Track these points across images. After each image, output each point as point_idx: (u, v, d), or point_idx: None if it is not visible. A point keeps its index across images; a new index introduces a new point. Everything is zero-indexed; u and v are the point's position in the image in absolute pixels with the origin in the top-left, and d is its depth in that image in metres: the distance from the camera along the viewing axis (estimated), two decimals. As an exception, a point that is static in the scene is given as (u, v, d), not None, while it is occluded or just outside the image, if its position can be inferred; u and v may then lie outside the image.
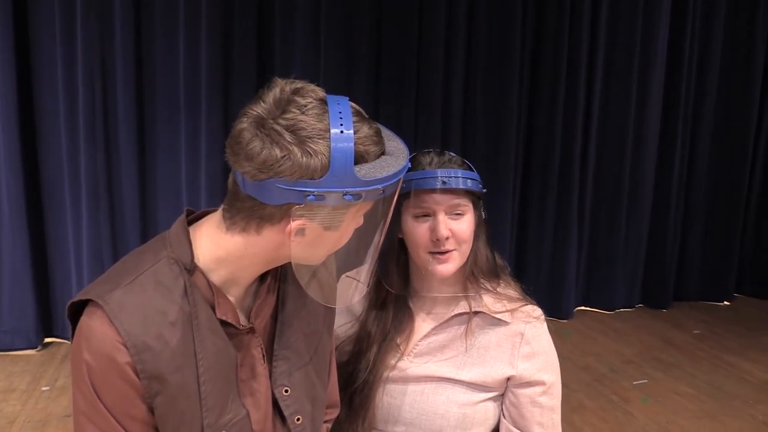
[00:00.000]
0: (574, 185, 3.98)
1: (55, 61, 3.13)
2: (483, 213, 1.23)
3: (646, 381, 3.12)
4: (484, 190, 1.23)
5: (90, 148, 3.20)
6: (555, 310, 3.99)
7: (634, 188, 4.14)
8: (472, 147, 3.82)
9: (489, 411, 1.24)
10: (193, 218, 0.91)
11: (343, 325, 1.30)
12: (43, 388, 2.85)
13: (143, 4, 3.23)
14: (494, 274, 1.28)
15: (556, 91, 3.86)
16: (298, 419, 0.95)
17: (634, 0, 3.93)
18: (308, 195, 0.75)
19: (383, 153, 0.82)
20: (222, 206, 0.85)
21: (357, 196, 0.77)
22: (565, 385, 3.04)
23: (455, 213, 1.17)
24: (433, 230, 1.16)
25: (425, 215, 1.18)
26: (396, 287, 1.24)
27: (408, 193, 1.19)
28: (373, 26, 3.58)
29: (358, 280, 1.34)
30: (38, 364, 3.12)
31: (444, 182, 1.14)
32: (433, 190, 1.16)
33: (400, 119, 3.64)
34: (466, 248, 1.19)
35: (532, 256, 4.05)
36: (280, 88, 0.78)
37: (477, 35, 3.75)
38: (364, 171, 0.77)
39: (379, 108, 3.62)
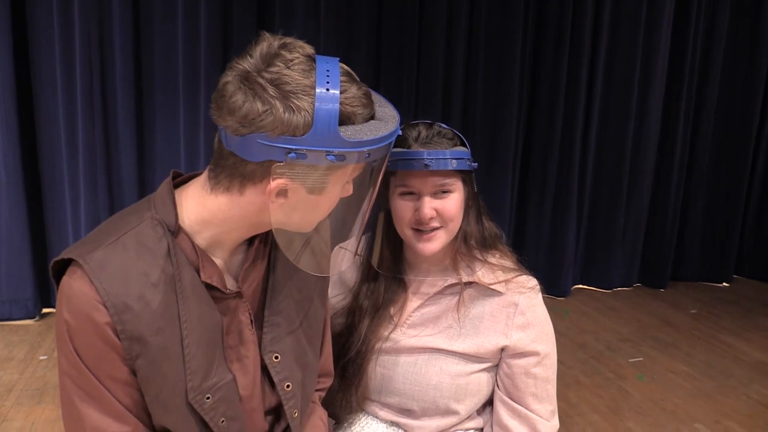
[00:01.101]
0: (574, 164, 3.95)
1: (52, 31, 3.09)
2: (473, 187, 1.21)
3: (641, 359, 3.12)
4: (475, 165, 1.20)
5: (87, 118, 3.17)
6: (553, 288, 3.99)
7: (635, 167, 4.11)
8: (472, 127, 3.79)
9: (482, 382, 1.24)
10: (180, 181, 0.89)
11: (336, 296, 1.30)
12: (41, 357, 2.86)
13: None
14: (488, 245, 1.27)
15: (557, 70, 3.82)
16: (287, 386, 0.94)
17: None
18: (289, 152, 0.73)
19: (372, 117, 0.79)
20: (208, 167, 0.83)
21: (340, 157, 0.74)
22: (561, 362, 3.05)
23: (441, 191, 1.15)
24: (417, 210, 1.14)
25: (410, 193, 1.16)
26: (385, 268, 1.23)
27: (394, 171, 1.17)
28: (374, 7, 3.53)
29: (345, 249, 1.34)
30: (36, 333, 3.13)
31: (427, 165, 1.11)
32: (415, 171, 1.13)
33: (401, 96, 3.60)
34: (453, 226, 1.18)
35: (531, 233, 4.03)
36: (267, 42, 0.75)
37: (478, 14, 3.69)
38: (349, 132, 0.75)
39: (379, 86, 3.58)
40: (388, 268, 1.23)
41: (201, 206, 0.83)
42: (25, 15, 3.09)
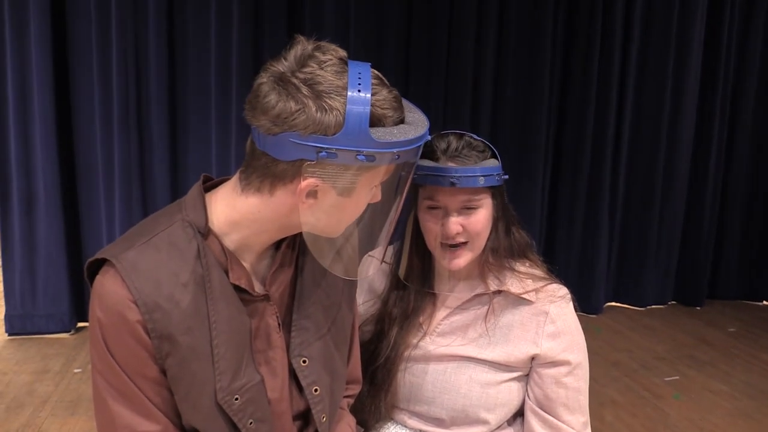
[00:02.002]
0: (605, 178, 3.90)
1: (90, 48, 3.19)
2: (504, 199, 1.20)
3: (678, 378, 3.04)
4: (505, 177, 1.19)
5: (123, 134, 3.25)
6: (584, 305, 3.92)
7: (668, 181, 4.04)
8: (501, 138, 3.78)
9: (513, 391, 1.22)
10: (211, 185, 0.91)
11: (365, 303, 1.30)
12: (76, 370, 2.91)
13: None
14: (517, 255, 1.26)
15: (587, 79, 3.79)
16: (315, 390, 0.95)
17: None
18: (320, 151, 0.74)
19: (402, 122, 0.81)
20: (239, 170, 0.85)
21: (371, 158, 0.75)
22: (594, 380, 2.98)
23: (468, 208, 1.14)
24: (443, 226, 1.14)
25: (437, 208, 1.16)
26: (414, 280, 1.23)
27: (423, 184, 1.17)
28: (403, 15, 3.57)
29: (373, 257, 1.34)
30: (71, 347, 3.19)
31: (453, 183, 1.10)
32: (443, 190, 1.13)
33: (428, 104, 3.61)
34: (480, 241, 1.17)
35: (561, 249, 3.98)
36: (301, 45, 0.78)
37: (508, 24, 3.70)
38: (379, 133, 0.76)
39: (408, 96, 3.60)
40: (417, 280, 1.23)
41: (231, 208, 0.84)
42: (65, 34, 3.20)
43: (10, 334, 3.26)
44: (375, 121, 0.76)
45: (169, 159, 3.36)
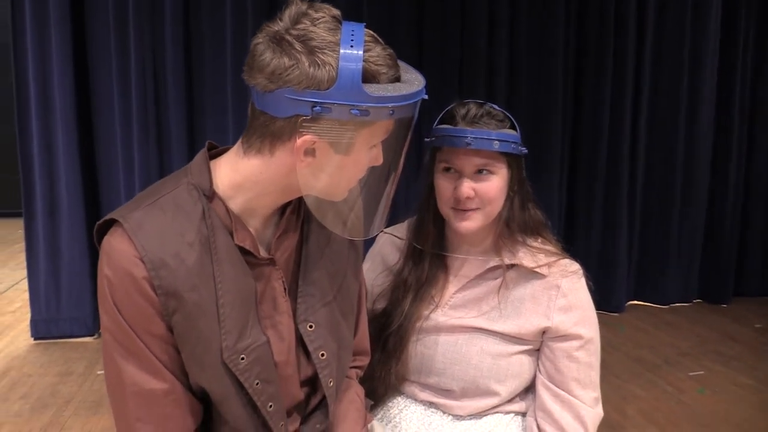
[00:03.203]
0: (623, 176, 3.85)
1: (109, 53, 3.26)
2: (521, 172, 1.21)
3: (702, 372, 2.98)
4: (524, 150, 1.20)
5: (142, 138, 3.30)
6: (606, 303, 3.86)
7: (688, 174, 3.97)
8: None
9: (524, 364, 1.22)
10: (216, 152, 0.93)
11: (378, 276, 1.30)
12: (99, 372, 2.95)
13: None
14: (532, 231, 1.26)
15: (602, 78, 3.77)
16: (322, 354, 0.95)
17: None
18: (315, 106, 0.76)
19: (398, 80, 0.81)
20: (242, 135, 0.87)
21: (365, 113, 0.76)
22: (616, 376, 2.94)
23: (482, 172, 1.15)
24: (456, 189, 1.15)
25: (452, 170, 1.17)
26: (428, 245, 1.24)
27: (439, 147, 1.18)
28: (415, 17, 3.59)
29: (387, 233, 1.35)
30: (95, 350, 3.23)
31: (468, 143, 1.12)
32: (459, 151, 1.14)
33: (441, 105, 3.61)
34: (492, 208, 1.17)
35: (580, 249, 3.93)
36: (295, 4, 0.79)
37: (519, 25, 3.70)
38: (373, 89, 0.77)
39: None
40: (432, 245, 1.23)
41: (234, 171, 0.86)
42: (85, 41, 3.28)
43: (35, 339, 3.32)
44: (369, 77, 0.77)
45: (187, 160, 3.36)
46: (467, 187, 1.14)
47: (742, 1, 3.89)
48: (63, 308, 3.34)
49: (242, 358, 0.85)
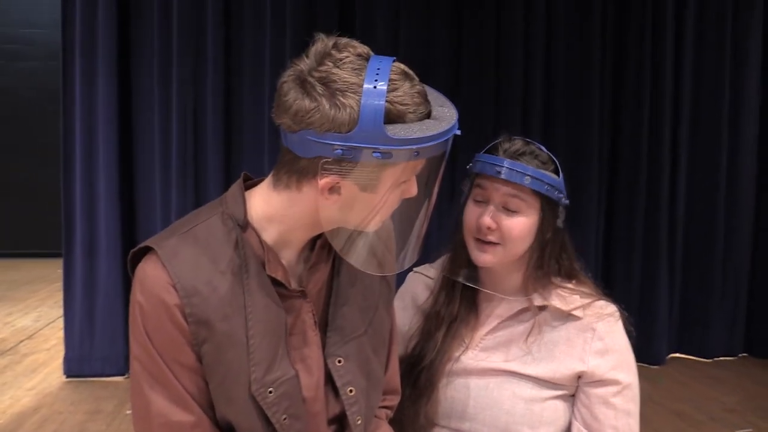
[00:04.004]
0: (662, 225, 3.76)
1: (152, 102, 3.39)
2: (556, 220, 1.19)
3: (751, 429, 2.83)
4: (562, 198, 1.17)
5: (180, 183, 3.39)
6: (645, 355, 3.72)
7: (731, 224, 3.87)
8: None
9: (559, 410, 1.17)
10: (251, 183, 0.94)
11: (409, 316, 1.28)
12: (127, 412, 2.95)
13: (233, 46, 3.46)
14: (565, 276, 1.23)
15: (639, 112, 3.74)
16: (350, 390, 0.93)
17: (722, 23, 3.78)
18: (336, 149, 0.75)
19: (428, 117, 0.80)
20: (274, 168, 0.88)
21: (387, 155, 0.75)
22: (656, 430, 2.79)
23: (509, 208, 1.13)
24: (480, 217, 1.13)
25: (482, 201, 1.15)
26: (461, 275, 1.21)
27: (473, 175, 1.17)
28: (453, 38, 3.63)
29: (420, 273, 1.33)
30: (125, 389, 3.24)
31: (499, 172, 1.11)
32: (490, 177, 1.13)
33: (480, 130, 3.61)
34: (514, 247, 1.14)
35: (618, 296, 3.81)
36: (322, 43, 0.80)
37: (556, 49, 3.72)
38: (397, 129, 0.76)
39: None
40: (464, 277, 1.21)
41: (266, 203, 0.87)
42: (130, 91, 3.41)
43: (68, 377, 3.35)
44: (394, 117, 0.76)
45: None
46: (489, 217, 1.12)
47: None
48: (96, 347, 3.37)
49: (270, 392, 0.84)
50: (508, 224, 1.13)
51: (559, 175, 1.17)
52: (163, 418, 0.82)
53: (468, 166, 1.20)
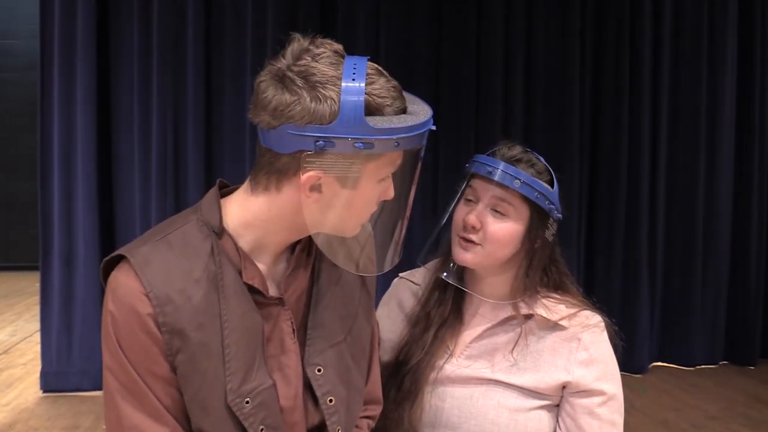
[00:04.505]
0: (642, 234, 3.81)
1: (132, 112, 3.36)
2: (546, 231, 1.17)
3: (732, 437, 2.85)
4: (554, 210, 1.16)
5: (160, 194, 3.36)
6: (627, 364, 3.73)
7: (709, 235, 3.92)
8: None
9: (543, 420, 1.16)
10: (228, 191, 0.92)
11: (395, 323, 1.26)
12: (104, 427, 2.89)
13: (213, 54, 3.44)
14: (552, 287, 1.22)
15: (618, 126, 3.79)
16: (330, 400, 0.91)
17: (698, 32, 3.85)
18: (318, 140, 0.75)
19: (404, 112, 0.81)
20: (250, 173, 0.86)
21: (369, 145, 0.75)
22: (640, 440, 2.79)
23: (497, 210, 1.13)
24: (466, 215, 1.13)
25: (472, 200, 1.15)
26: (451, 277, 1.20)
27: (468, 175, 1.17)
28: (434, 30, 3.64)
29: (406, 278, 1.32)
30: (102, 404, 3.17)
31: (490, 172, 1.11)
32: (482, 178, 1.14)
33: (458, 145, 3.63)
34: (495, 250, 1.14)
35: (600, 308, 3.84)
36: (297, 41, 0.80)
37: (535, 61, 3.75)
38: (377, 121, 0.76)
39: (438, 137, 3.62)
40: (453, 278, 1.20)
41: (243, 209, 0.85)
42: (109, 99, 3.38)
43: (44, 391, 3.28)
44: (372, 109, 0.77)
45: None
46: (475, 215, 1.12)
47: (756, 52, 3.92)
48: (74, 361, 3.31)
49: (247, 402, 0.82)
50: (492, 226, 1.12)
51: (553, 187, 1.17)
52: (136, 430, 0.80)
53: (465, 166, 1.20)
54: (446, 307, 1.21)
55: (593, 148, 3.87)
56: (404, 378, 1.17)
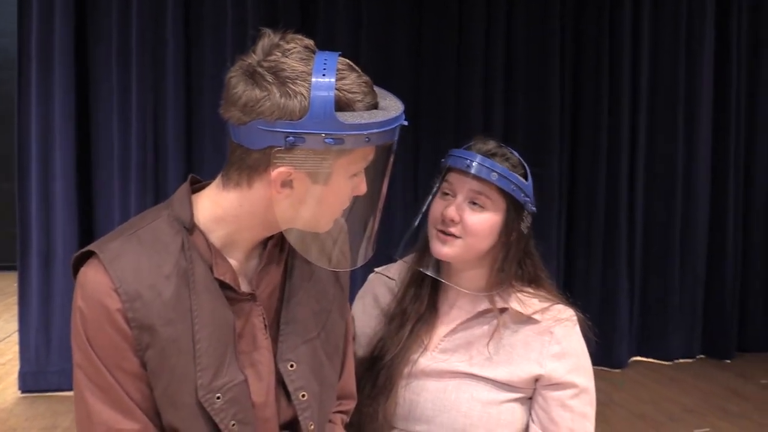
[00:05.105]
0: (621, 233, 3.84)
1: (111, 108, 3.32)
2: (521, 223, 1.19)
3: (709, 430, 2.89)
4: (529, 202, 1.18)
5: (140, 191, 3.32)
6: (607, 359, 3.77)
7: (687, 231, 3.97)
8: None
9: (516, 413, 1.17)
10: (200, 186, 0.92)
11: (372, 318, 1.27)
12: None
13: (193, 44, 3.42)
14: (527, 281, 1.24)
15: (598, 124, 3.82)
16: (303, 395, 0.92)
17: (676, 28, 3.90)
18: (288, 136, 0.75)
19: (375, 107, 0.81)
20: (222, 169, 0.86)
21: (339, 141, 0.76)
22: (618, 432, 2.82)
23: (475, 203, 1.15)
24: (444, 208, 1.14)
25: (449, 195, 1.17)
26: (430, 269, 1.21)
27: (444, 170, 1.18)
28: (414, 35, 3.65)
29: (381, 273, 1.33)
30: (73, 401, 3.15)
31: (468, 166, 1.13)
32: (459, 171, 1.15)
33: (439, 142, 3.63)
34: (474, 242, 1.15)
35: (579, 303, 3.87)
36: (268, 37, 0.80)
37: (516, 68, 3.77)
38: (347, 116, 0.76)
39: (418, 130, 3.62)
40: (431, 271, 1.21)
41: (215, 204, 0.85)
42: (88, 96, 3.34)
43: (23, 392, 3.24)
44: (343, 105, 0.77)
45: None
46: (454, 208, 1.14)
47: (732, 42, 3.97)
48: (52, 361, 3.28)
49: (218, 398, 0.82)
50: (471, 219, 1.14)
51: (527, 180, 1.18)
52: (106, 426, 0.80)
53: (441, 160, 1.21)
54: (422, 303, 1.22)
55: (573, 144, 3.90)
56: (379, 373, 1.18)
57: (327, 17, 3.51)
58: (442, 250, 1.15)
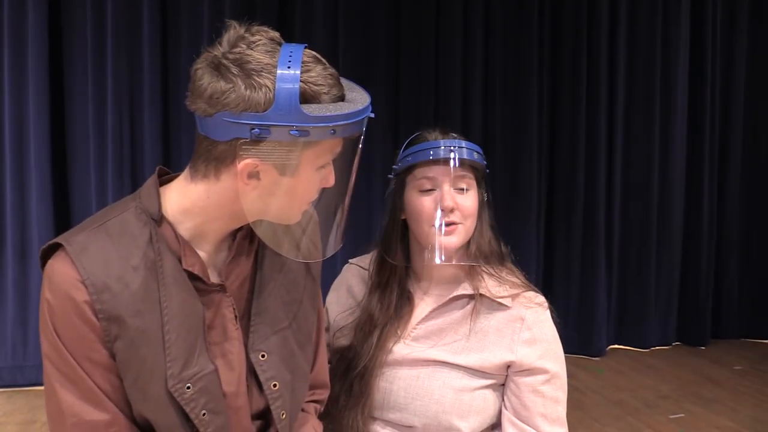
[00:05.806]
0: (599, 223, 3.90)
1: (86, 97, 3.29)
2: (486, 193, 1.22)
3: (683, 415, 2.95)
4: (487, 169, 1.22)
5: (117, 183, 3.31)
6: (586, 347, 3.83)
7: (663, 221, 4.04)
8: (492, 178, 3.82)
9: (488, 399, 1.19)
10: (168, 178, 0.92)
11: (344, 312, 1.27)
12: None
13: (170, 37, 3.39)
14: (498, 259, 1.25)
15: (575, 119, 3.87)
16: (274, 385, 0.92)
17: (652, 33, 3.95)
18: (253, 128, 0.75)
19: (342, 99, 0.81)
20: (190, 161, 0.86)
21: (304, 133, 0.76)
22: (595, 419, 2.90)
23: (459, 187, 1.16)
24: (440, 201, 1.14)
25: (430, 189, 1.16)
26: (401, 261, 1.22)
27: (412, 167, 1.18)
28: (392, 36, 3.66)
29: (353, 263, 1.33)
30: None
31: (452, 152, 1.14)
32: (437, 161, 1.15)
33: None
34: (471, 224, 1.18)
35: (559, 295, 3.93)
36: (234, 29, 0.80)
37: (492, 64, 3.80)
38: (312, 109, 0.77)
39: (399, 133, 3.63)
40: (399, 277, 1.22)
41: (183, 196, 0.85)
42: (63, 85, 3.30)
43: (0, 387, 3.21)
44: (309, 97, 0.77)
45: (162, 206, 3.40)
46: (449, 198, 1.14)
47: (707, 45, 4.03)
48: (30, 355, 3.25)
49: (188, 387, 0.82)
50: (465, 202, 1.16)
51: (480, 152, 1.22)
52: (77, 418, 0.80)
53: (398, 164, 1.21)
54: (390, 307, 1.22)
55: (551, 143, 3.96)
56: (353, 383, 1.18)
57: (304, 9, 3.50)
58: (451, 240, 1.15)
